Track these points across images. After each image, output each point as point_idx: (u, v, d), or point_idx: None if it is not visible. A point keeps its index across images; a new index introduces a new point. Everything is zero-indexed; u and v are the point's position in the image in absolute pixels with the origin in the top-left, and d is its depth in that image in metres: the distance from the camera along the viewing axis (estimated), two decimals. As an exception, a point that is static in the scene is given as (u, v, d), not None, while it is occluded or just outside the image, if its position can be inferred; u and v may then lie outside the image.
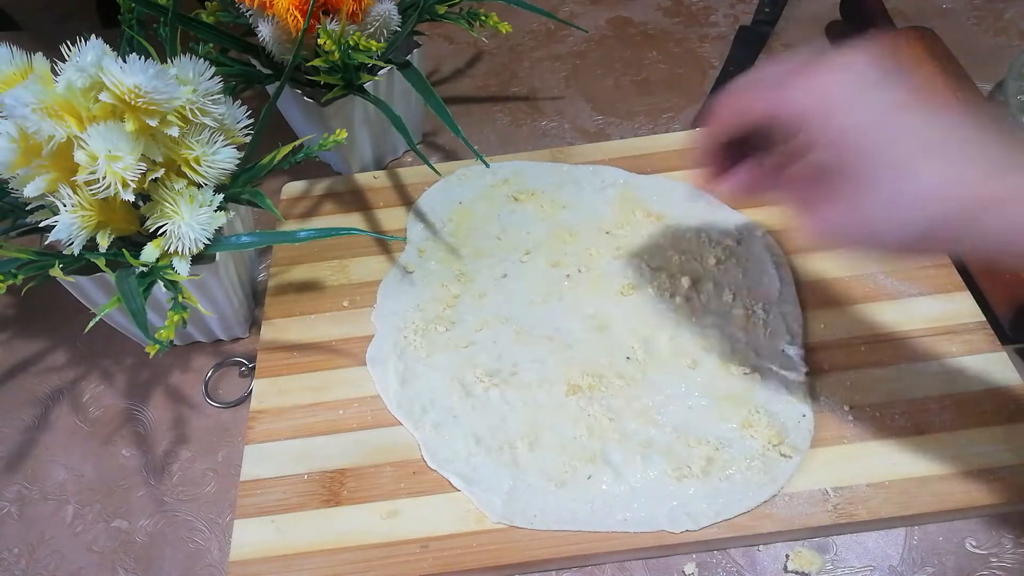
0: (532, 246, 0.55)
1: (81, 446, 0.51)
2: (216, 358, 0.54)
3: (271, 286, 0.55)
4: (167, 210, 0.43)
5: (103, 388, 0.53)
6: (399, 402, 0.48)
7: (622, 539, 0.42)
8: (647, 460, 0.44)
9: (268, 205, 0.46)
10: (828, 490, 0.43)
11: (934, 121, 0.33)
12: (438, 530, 0.43)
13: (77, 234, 0.41)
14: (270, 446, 0.47)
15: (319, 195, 0.60)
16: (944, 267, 0.51)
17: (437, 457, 0.46)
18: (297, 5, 0.48)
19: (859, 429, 0.45)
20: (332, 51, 0.49)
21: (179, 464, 0.49)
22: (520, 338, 0.50)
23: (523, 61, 0.73)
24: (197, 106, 0.42)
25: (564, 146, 0.63)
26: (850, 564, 0.42)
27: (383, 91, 0.57)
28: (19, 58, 0.42)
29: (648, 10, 0.76)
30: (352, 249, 0.57)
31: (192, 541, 0.46)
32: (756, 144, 0.39)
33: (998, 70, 0.59)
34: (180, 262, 0.43)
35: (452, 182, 0.59)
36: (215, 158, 0.44)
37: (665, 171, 0.58)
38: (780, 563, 0.42)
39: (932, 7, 0.72)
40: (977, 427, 0.44)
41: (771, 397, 0.46)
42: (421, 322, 0.51)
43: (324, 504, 0.45)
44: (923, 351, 0.47)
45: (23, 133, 0.39)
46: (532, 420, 0.46)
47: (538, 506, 0.43)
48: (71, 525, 0.47)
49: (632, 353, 0.48)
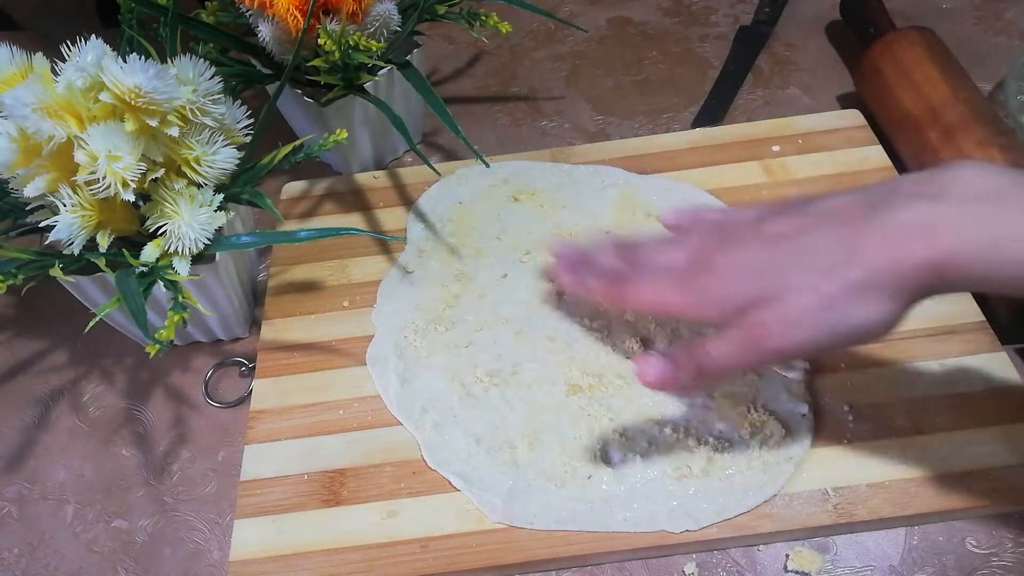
0: (532, 246, 0.55)
1: (81, 446, 0.51)
2: (216, 358, 0.54)
3: (271, 286, 0.55)
4: (167, 210, 0.43)
5: (103, 388, 0.53)
6: (399, 402, 0.48)
7: (622, 539, 0.42)
8: (647, 460, 0.44)
9: (268, 205, 0.46)
10: (828, 490, 0.43)
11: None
12: (438, 530, 0.43)
13: (77, 234, 0.41)
14: (270, 446, 0.47)
15: (319, 195, 0.60)
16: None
17: (437, 457, 0.46)
18: (297, 5, 0.48)
19: (859, 429, 0.45)
20: (332, 51, 0.49)
21: (179, 464, 0.49)
22: (520, 338, 0.50)
23: (523, 61, 0.73)
24: (197, 106, 0.42)
25: (564, 146, 0.63)
26: (850, 564, 0.42)
27: (383, 91, 0.57)
28: (19, 58, 0.42)
29: (648, 10, 0.76)
30: (352, 249, 0.57)
31: (192, 541, 0.46)
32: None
33: (998, 70, 0.59)
34: (180, 262, 0.43)
35: (452, 182, 0.59)
36: (215, 158, 0.44)
37: (665, 171, 0.58)
38: (780, 563, 0.42)
39: (932, 7, 0.72)
40: (977, 427, 0.44)
41: (771, 397, 0.46)
42: (421, 322, 0.51)
43: (324, 504, 0.45)
44: (923, 351, 0.47)
45: (23, 133, 0.39)
46: (532, 420, 0.46)
47: (538, 506, 0.43)
48: (71, 525, 0.47)
49: (632, 353, 0.48)
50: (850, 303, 0.33)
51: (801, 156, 0.58)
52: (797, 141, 0.59)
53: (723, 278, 0.36)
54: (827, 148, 0.58)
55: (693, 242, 0.40)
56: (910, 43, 0.59)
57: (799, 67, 0.69)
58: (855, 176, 0.56)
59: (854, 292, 0.33)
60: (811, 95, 0.67)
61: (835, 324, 0.33)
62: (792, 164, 0.58)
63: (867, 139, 0.59)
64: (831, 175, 0.57)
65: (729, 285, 0.36)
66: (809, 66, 0.69)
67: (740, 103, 0.67)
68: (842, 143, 0.58)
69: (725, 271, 0.36)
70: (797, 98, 0.67)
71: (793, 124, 0.60)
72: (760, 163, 0.58)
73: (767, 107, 0.66)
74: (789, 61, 0.70)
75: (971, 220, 0.31)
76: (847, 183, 0.56)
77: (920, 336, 0.48)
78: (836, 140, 0.59)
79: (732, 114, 0.66)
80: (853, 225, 0.34)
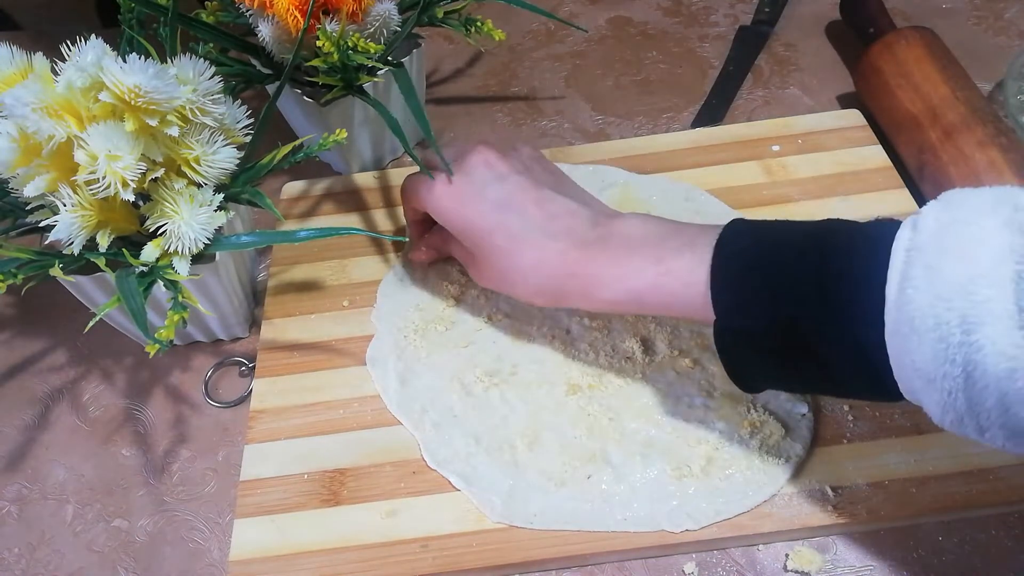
0: (532, 246, 0.55)
1: (81, 446, 0.51)
2: (216, 358, 0.54)
3: (271, 286, 0.55)
4: (167, 210, 0.43)
5: (103, 388, 0.53)
6: (399, 402, 0.48)
7: (622, 539, 0.42)
8: (647, 460, 0.44)
9: (268, 205, 0.46)
10: (828, 490, 0.43)
11: (528, 214, 0.43)
12: (438, 530, 0.43)
13: (77, 234, 0.41)
14: (270, 446, 0.47)
15: (319, 195, 0.60)
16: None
17: (437, 457, 0.46)
18: (297, 5, 0.48)
19: (859, 429, 0.45)
20: (331, 52, 0.49)
21: (179, 464, 0.49)
22: (520, 338, 0.50)
23: (523, 61, 0.73)
24: (197, 106, 0.42)
25: (564, 146, 0.63)
26: (850, 564, 0.42)
27: (383, 92, 0.57)
28: (19, 58, 0.42)
29: (648, 10, 0.76)
30: (352, 249, 0.57)
31: (192, 541, 0.46)
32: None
33: (998, 70, 0.59)
34: (180, 262, 0.43)
35: (452, 182, 0.59)
36: (215, 158, 0.44)
37: (665, 171, 0.58)
38: (780, 563, 0.42)
39: (932, 7, 0.72)
40: (977, 427, 0.44)
41: (771, 396, 0.46)
42: (421, 322, 0.51)
43: (324, 504, 0.45)
44: (923, 351, 0.47)
45: (23, 133, 0.39)
46: (532, 420, 0.46)
47: (538, 506, 0.43)
48: (71, 525, 0.47)
49: (632, 353, 0.48)
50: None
51: (801, 156, 0.58)
52: (797, 141, 0.59)
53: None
54: (827, 148, 0.58)
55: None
56: (910, 43, 0.59)
57: (799, 67, 0.69)
58: (855, 176, 0.56)
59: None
60: (811, 95, 0.67)
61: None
62: (792, 164, 0.58)
63: (867, 139, 0.59)
64: (831, 175, 0.57)
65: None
66: (809, 66, 0.69)
67: (740, 103, 0.67)
68: (842, 143, 0.58)
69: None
70: (797, 98, 0.67)
71: (793, 124, 0.60)
72: (760, 163, 0.58)
73: (767, 107, 0.66)
74: (789, 61, 0.70)
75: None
76: (847, 183, 0.56)
77: (920, 336, 0.48)
78: (836, 140, 0.59)
79: (732, 114, 0.66)
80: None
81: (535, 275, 0.43)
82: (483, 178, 0.45)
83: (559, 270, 0.42)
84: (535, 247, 0.43)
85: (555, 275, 0.43)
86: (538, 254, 0.43)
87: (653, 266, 0.39)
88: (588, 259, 0.42)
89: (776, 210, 0.55)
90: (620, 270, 0.41)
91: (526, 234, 0.43)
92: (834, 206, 0.55)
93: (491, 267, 0.45)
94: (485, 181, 0.45)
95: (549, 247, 0.42)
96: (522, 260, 0.43)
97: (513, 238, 0.43)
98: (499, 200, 0.44)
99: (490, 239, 0.44)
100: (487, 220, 0.44)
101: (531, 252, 0.43)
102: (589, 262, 0.41)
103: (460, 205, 0.45)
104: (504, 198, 0.44)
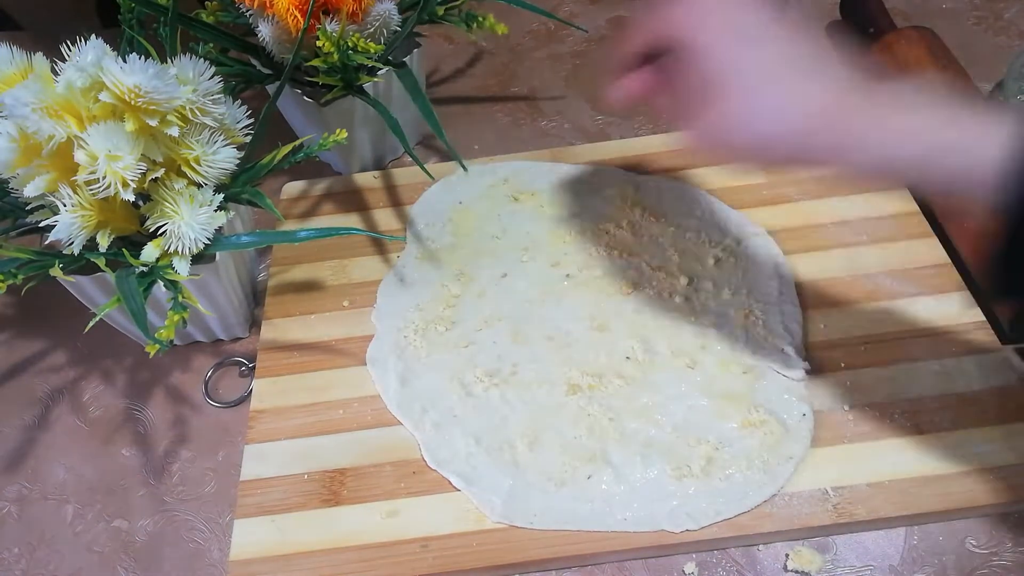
0: (532, 246, 0.55)
1: (81, 446, 0.51)
2: (216, 358, 0.54)
3: (271, 286, 0.55)
4: (167, 210, 0.43)
5: (103, 388, 0.53)
6: (399, 402, 0.48)
7: (622, 539, 0.42)
8: (647, 460, 0.44)
9: (268, 205, 0.46)
10: (828, 490, 0.43)
11: (786, 50, 0.37)
12: (438, 530, 0.43)
13: (77, 234, 0.41)
14: (270, 446, 0.47)
15: (319, 195, 0.60)
16: (944, 267, 0.51)
17: (437, 457, 0.46)
18: (297, 5, 0.48)
19: (859, 429, 0.45)
20: (331, 53, 0.49)
21: (179, 464, 0.49)
22: (520, 338, 0.50)
23: (523, 61, 0.73)
24: (197, 106, 0.42)
25: (564, 146, 0.63)
26: (850, 564, 0.42)
27: (383, 92, 0.57)
28: (19, 58, 0.42)
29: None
30: (352, 249, 0.57)
31: (192, 541, 0.46)
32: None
33: (998, 70, 0.59)
34: (180, 262, 0.43)
35: (452, 182, 0.59)
36: (215, 158, 0.44)
37: (665, 171, 0.58)
38: (780, 562, 0.42)
39: (932, 7, 0.72)
40: (977, 427, 0.44)
41: (771, 396, 0.46)
42: (421, 322, 0.51)
43: (324, 504, 0.45)
44: (923, 351, 0.47)
45: (23, 133, 0.39)
46: (532, 420, 0.46)
47: (538, 506, 0.43)
48: (71, 525, 0.47)
49: (632, 353, 0.48)
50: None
51: (801, 156, 0.58)
52: (797, 141, 0.59)
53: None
54: (827, 148, 0.58)
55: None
56: (910, 43, 0.59)
57: (799, 67, 0.69)
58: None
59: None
60: (811, 95, 0.67)
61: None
62: (792, 164, 0.58)
63: (867, 139, 0.59)
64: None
65: None
66: (809, 66, 0.69)
67: (740, 103, 0.67)
68: (842, 143, 0.58)
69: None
70: (797, 98, 0.67)
71: (793, 124, 0.60)
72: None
73: (767, 107, 0.66)
74: (789, 61, 0.70)
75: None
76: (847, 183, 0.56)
77: (920, 336, 0.48)
78: (836, 140, 0.59)
79: (732, 114, 0.66)
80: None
81: (782, 118, 0.36)
82: (738, 12, 0.39)
83: (813, 117, 0.36)
84: (789, 85, 0.36)
85: (806, 123, 0.36)
86: (790, 95, 0.36)
87: (944, 128, 0.33)
88: (852, 109, 0.35)
89: (776, 210, 0.55)
90: (894, 128, 0.34)
91: (781, 70, 0.37)
92: (834, 206, 0.55)
93: (730, 108, 0.38)
94: (741, 6, 0.39)
95: (806, 88, 0.36)
96: (771, 99, 0.37)
97: (764, 72, 0.37)
98: (752, 34, 0.38)
99: (736, 72, 0.37)
100: (736, 50, 0.38)
101: (783, 89, 0.36)
102: (853, 113, 0.35)
103: (710, 28, 0.38)
104: (758, 33, 0.38)
